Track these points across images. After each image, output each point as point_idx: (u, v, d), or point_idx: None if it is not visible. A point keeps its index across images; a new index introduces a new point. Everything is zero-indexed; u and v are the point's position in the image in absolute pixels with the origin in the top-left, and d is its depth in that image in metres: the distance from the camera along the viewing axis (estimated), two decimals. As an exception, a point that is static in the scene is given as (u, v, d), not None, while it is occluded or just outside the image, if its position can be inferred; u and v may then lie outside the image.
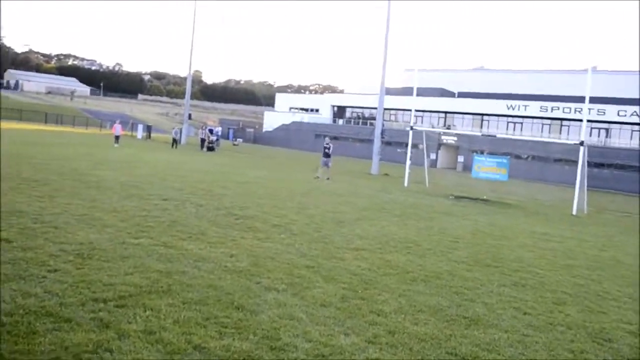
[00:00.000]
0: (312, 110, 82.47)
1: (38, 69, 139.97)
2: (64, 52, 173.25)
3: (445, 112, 69.36)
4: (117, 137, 35.05)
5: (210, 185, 16.62)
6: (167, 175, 18.54)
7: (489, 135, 38.96)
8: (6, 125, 48.57)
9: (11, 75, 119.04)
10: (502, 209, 19.41)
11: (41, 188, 12.22)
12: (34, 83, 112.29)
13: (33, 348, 4.12)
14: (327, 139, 25.99)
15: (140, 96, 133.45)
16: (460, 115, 68.49)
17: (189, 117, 52.22)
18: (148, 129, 53.59)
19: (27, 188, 12.01)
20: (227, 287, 6.15)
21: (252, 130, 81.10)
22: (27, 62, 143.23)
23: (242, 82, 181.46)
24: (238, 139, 65.29)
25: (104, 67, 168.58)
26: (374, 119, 51.95)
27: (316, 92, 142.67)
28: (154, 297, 5.58)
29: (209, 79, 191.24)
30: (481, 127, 65.34)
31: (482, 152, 43.16)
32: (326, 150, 24.86)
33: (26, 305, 4.97)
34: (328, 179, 23.44)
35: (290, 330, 5.06)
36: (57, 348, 4.17)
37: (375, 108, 41.20)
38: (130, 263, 6.77)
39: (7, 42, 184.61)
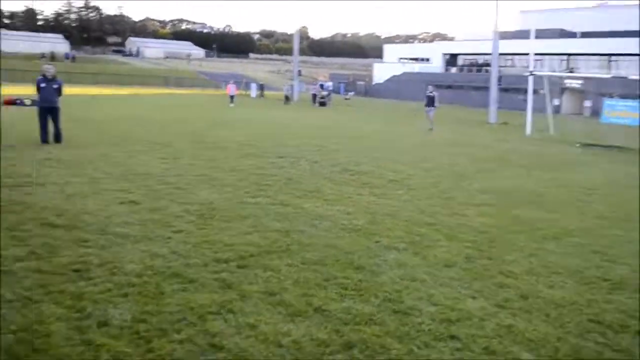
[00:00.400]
0: (422, 59, 79.73)
1: (155, 35, 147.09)
2: (177, 17, 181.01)
3: (568, 55, 64.05)
4: (231, 97, 36.11)
5: (323, 141, 16.57)
6: (281, 132, 18.77)
7: (620, 77, 35.45)
8: (130, 90, 51.85)
9: (132, 42, 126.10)
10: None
11: (164, 150, 12.80)
12: (152, 49, 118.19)
13: (161, 309, 4.21)
14: (430, 86, 24.62)
15: (251, 55, 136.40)
16: (584, 57, 62.93)
17: (299, 73, 52.59)
18: (261, 87, 54.80)
19: (151, 151, 12.61)
20: (345, 247, 6.00)
21: (362, 83, 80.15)
22: (145, 30, 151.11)
23: (348, 35, 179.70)
24: (349, 93, 64.83)
25: (215, 29, 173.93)
26: (489, 65, 49.14)
27: (425, 41, 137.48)
28: (274, 257, 5.56)
29: (316, 34, 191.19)
30: (609, 68, 59.70)
31: (611, 96, 39.54)
32: (430, 98, 23.57)
33: (154, 266, 5.13)
34: (431, 129, 22.46)
35: (413, 292, 4.82)
36: (184, 309, 4.24)
37: (490, 54, 38.79)
38: (249, 222, 6.83)
39: (126, 11, 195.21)
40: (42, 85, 12.82)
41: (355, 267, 5.37)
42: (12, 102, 23.51)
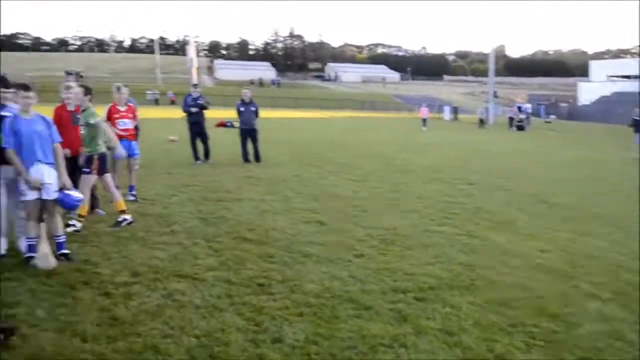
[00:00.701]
0: (636, 77, 71.42)
1: (352, 60, 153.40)
2: (374, 42, 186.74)
3: None
4: (424, 120, 35.98)
5: (519, 167, 15.55)
6: (473, 157, 18.06)
7: None
8: (327, 113, 54.48)
9: (331, 68, 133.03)
10: None
11: (353, 172, 13.04)
12: (350, 73, 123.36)
13: (334, 334, 4.16)
14: (636, 109, 21.62)
15: (445, 77, 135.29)
16: None
17: (495, 95, 50.66)
18: (454, 110, 53.88)
19: (342, 172, 12.94)
20: (537, 289, 5.41)
21: (565, 105, 74.36)
22: (343, 55, 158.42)
23: (550, 52, 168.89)
24: (550, 116, 60.60)
25: (410, 52, 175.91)
26: None
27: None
28: (455, 292, 5.22)
29: (514, 52, 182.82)
30: None
31: None
32: (637, 122, 20.60)
33: (332, 289, 5.13)
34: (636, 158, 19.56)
35: (618, 353, 4.13)
36: (356, 336, 4.14)
37: None
38: (431, 252, 6.55)
39: (326, 38, 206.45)
40: (241, 109, 13.95)
41: (548, 314, 4.78)
42: (223, 125, 26.23)
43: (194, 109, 13.47)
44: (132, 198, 8.68)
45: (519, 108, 41.66)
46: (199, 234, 6.82)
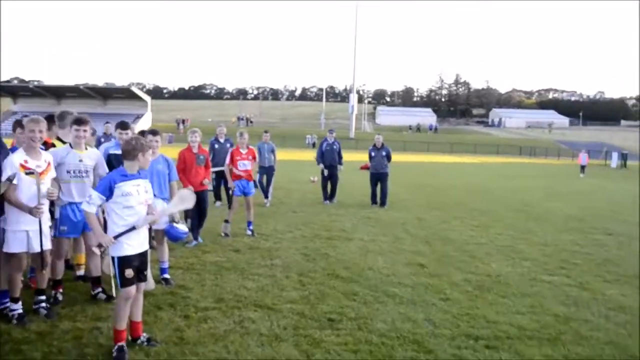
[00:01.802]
0: None
1: (519, 105, 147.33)
2: (545, 87, 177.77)
3: None
4: (582, 167, 33.41)
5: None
6: (625, 208, 16.39)
7: None
8: (481, 159, 52.81)
9: (495, 113, 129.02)
10: None
11: (480, 218, 12.61)
12: (515, 119, 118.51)
13: (380, 373, 4.15)
14: None
15: (623, 122, 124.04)
16: None
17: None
18: (623, 157, 49.08)
19: (468, 217, 12.58)
20: (632, 348, 4.86)
21: None
22: (510, 100, 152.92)
23: None
24: None
25: (585, 96, 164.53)
26: None
27: None
28: (533, 343, 4.89)
29: None
30: None
31: None
32: None
33: (400, 329, 5.09)
34: None
35: None
36: (402, 378, 4.09)
37: None
38: (528, 302, 6.17)
39: (493, 84, 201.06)
40: (372, 153, 14.24)
41: (633, 376, 4.29)
42: (366, 168, 26.86)
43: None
44: (249, 232, 9.31)
45: None
46: (295, 269, 7.14)
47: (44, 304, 5.10)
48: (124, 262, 4.31)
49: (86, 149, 5.53)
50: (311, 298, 5.95)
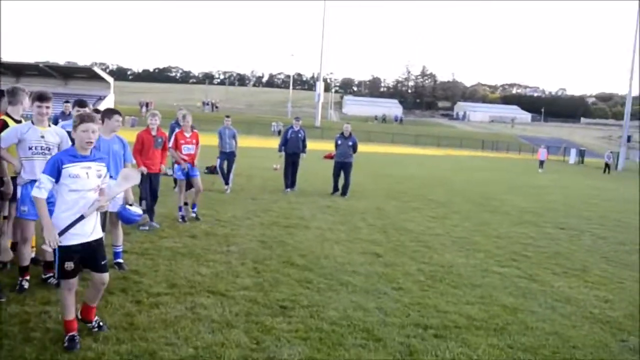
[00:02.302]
0: None
1: (484, 99, 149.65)
2: (509, 82, 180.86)
3: None
4: (541, 162, 34.24)
5: (623, 215, 14.30)
6: (579, 203, 16.88)
7: None
8: (444, 151, 53.58)
9: (460, 107, 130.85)
10: None
11: (439, 209, 12.80)
12: (479, 113, 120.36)
13: (329, 359, 4.18)
14: None
15: (583, 120, 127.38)
16: None
17: (628, 139, 46.84)
18: (581, 153, 50.51)
19: (427, 208, 12.75)
20: (575, 339, 5.01)
21: None
22: (475, 94, 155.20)
23: None
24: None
25: (547, 92, 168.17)
26: None
27: None
28: (481, 333, 4.99)
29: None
30: None
31: None
32: None
33: (352, 317, 5.13)
34: None
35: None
36: (350, 365, 4.13)
37: None
38: (478, 292, 6.29)
39: (459, 77, 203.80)
40: (339, 142, 14.24)
41: (575, 365, 4.43)
42: (330, 157, 26.87)
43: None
44: (193, 215, 9.32)
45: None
46: (250, 256, 7.12)
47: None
48: (64, 252, 4.01)
49: (49, 126, 5.35)
50: (265, 285, 5.94)
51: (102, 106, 56.26)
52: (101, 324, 4.42)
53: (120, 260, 6.23)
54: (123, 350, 4.08)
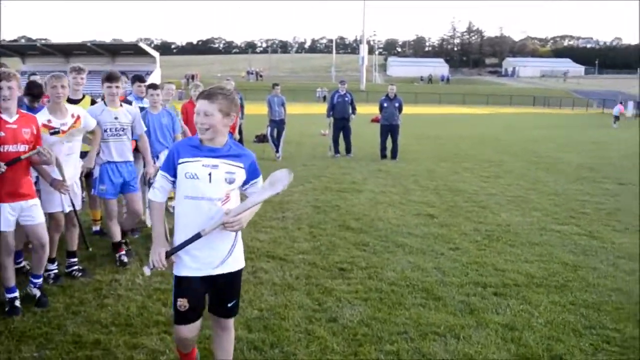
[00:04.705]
0: None
1: (534, 54, 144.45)
2: (560, 34, 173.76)
3: None
4: (616, 117, 33.80)
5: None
6: (638, 157, 16.25)
7: None
8: (493, 109, 52.24)
9: (509, 63, 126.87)
10: None
11: (491, 169, 12.60)
12: (529, 68, 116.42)
13: (389, 318, 4.27)
14: None
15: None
16: None
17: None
18: (639, 106, 48.29)
19: (478, 169, 12.57)
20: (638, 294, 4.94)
21: None
22: (524, 49, 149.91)
23: None
24: None
25: (601, 43, 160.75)
26: None
27: None
28: (541, 290, 4.98)
29: None
30: None
31: None
32: None
33: (410, 278, 5.20)
34: None
35: None
36: (411, 323, 4.21)
37: None
38: (537, 250, 6.24)
39: (507, 31, 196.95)
40: (385, 104, 14.08)
41: (637, 320, 4.38)
42: (376, 120, 26.70)
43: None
44: None
45: None
46: (306, 221, 7.25)
47: (76, 266, 5.09)
48: (180, 285, 2.95)
49: (121, 105, 5.46)
50: (322, 249, 6.06)
51: (149, 81, 57.14)
52: None
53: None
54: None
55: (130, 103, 6.35)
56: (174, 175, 2.92)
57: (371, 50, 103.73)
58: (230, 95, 2.91)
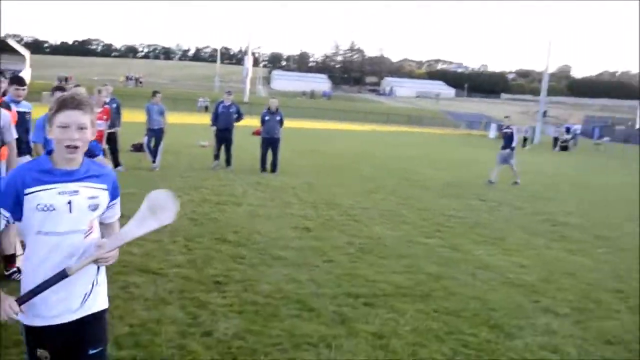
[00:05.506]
0: None
1: (411, 75, 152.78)
2: (434, 58, 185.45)
3: None
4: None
5: (540, 188, 15.21)
6: (502, 176, 17.73)
7: None
8: (371, 126, 54.44)
9: (387, 82, 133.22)
10: None
11: (366, 184, 13.13)
12: (405, 88, 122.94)
13: (264, 331, 4.31)
14: (506, 119, 17.09)
15: (503, 95, 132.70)
16: None
17: (544, 114, 49.46)
18: (499, 127, 52.76)
19: (355, 184, 13.05)
20: (494, 302, 5.40)
21: (622, 127, 71.50)
22: (401, 70, 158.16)
23: (618, 73, 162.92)
24: (603, 138, 58.33)
25: (470, 69, 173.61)
26: None
27: None
28: (407, 300, 5.28)
29: (580, 72, 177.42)
30: None
31: None
32: (507, 136, 15.52)
33: (284, 290, 5.29)
34: (516, 182, 15.27)
35: (546, 366, 4.11)
36: (285, 334, 4.28)
37: None
38: (404, 262, 6.60)
39: (386, 53, 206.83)
40: (266, 117, 14.16)
41: (491, 325, 4.79)
42: (258, 133, 26.77)
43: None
44: None
45: (567, 129, 40.60)
46: (182, 233, 7.10)
47: None
48: (34, 336, 2.35)
49: None
50: (198, 262, 5.98)
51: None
52: None
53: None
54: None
55: (9, 108, 5.83)
56: (19, 213, 2.25)
57: (256, 62, 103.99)
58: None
